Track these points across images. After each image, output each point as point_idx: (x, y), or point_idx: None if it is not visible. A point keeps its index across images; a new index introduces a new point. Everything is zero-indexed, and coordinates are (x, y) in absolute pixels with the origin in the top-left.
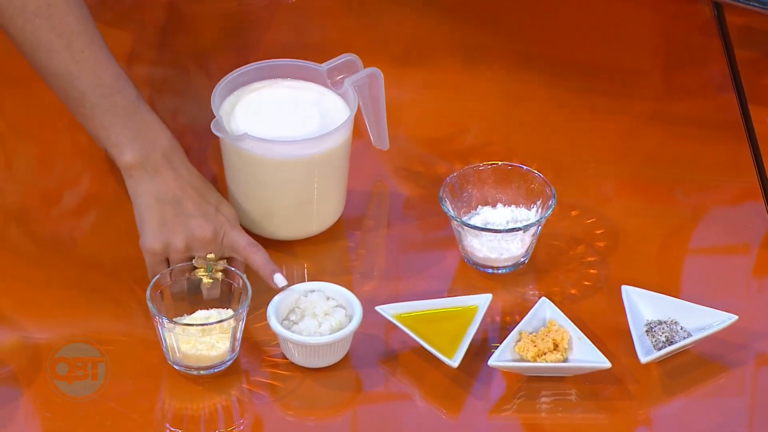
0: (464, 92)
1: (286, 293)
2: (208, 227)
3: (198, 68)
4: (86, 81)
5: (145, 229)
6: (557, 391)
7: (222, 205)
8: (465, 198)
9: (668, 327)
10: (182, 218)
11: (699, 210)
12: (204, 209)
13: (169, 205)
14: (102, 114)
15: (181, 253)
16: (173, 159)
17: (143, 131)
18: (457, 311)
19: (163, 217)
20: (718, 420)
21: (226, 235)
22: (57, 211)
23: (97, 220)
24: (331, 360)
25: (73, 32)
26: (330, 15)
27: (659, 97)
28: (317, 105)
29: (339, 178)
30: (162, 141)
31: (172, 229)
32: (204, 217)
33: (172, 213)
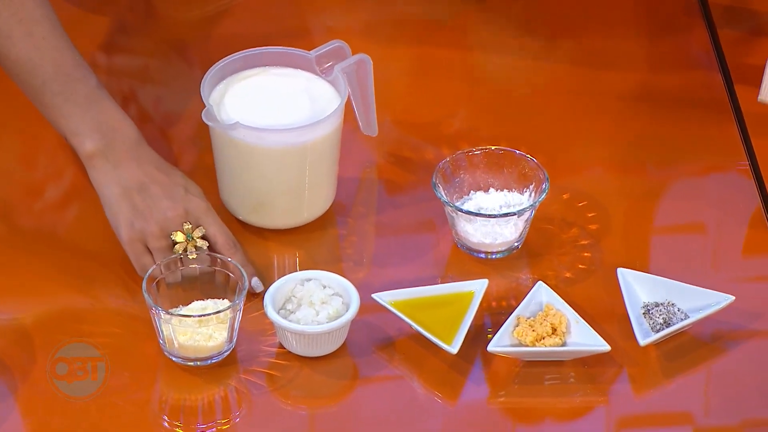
0: (451, 76)
1: (282, 282)
2: (179, 207)
3: (179, 57)
4: (47, 69)
5: (118, 223)
6: (556, 376)
7: (190, 185)
8: (457, 183)
9: (665, 309)
10: (151, 203)
11: (690, 190)
12: (172, 191)
13: (136, 192)
14: (62, 103)
15: (159, 238)
16: (135, 147)
17: (104, 120)
18: (454, 297)
19: (133, 206)
20: (718, 401)
21: (204, 223)
22: (42, 204)
23: (85, 213)
24: (330, 348)
25: (34, 20)
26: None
27: (645, 78)
28: (307, 93)
29: (330, 166)
30: (123, 129)
31: (144, 217)
32: (172, 199)
33: (141, 200)
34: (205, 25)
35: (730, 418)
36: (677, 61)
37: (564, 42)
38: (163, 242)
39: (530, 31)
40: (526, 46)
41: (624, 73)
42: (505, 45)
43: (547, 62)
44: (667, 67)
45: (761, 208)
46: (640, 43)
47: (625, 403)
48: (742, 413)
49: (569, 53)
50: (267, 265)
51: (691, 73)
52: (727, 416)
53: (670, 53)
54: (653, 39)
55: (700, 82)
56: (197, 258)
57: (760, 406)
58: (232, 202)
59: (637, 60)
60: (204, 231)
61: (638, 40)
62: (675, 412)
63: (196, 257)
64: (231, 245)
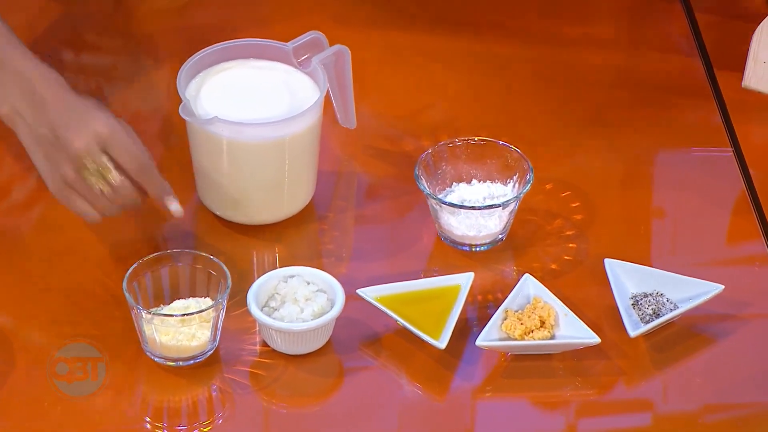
0: (428, 66)
1: (265, 279)
2: (83, 137)
3: (147, 53)
4: None
5: (43, 176)
6: (545, 369)
7: (99, 110)
8: (440, 175)
9: (654, 299)
10: (58, 143)
11: (673, 178)
12: (71, 124)
13: (45, 139)
14: None
15: (75, 179)
16: (41, 94)
17: (10, 77)
18: (440, 291)
19: (46, 153)
20: (709, 392)
21: (109, 148)
22: (7, 204)
23: (54, 212)
24: (315, 346)
25: None
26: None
27: (624, 65)
28: (286, 85)
29: (310, 160)
30: (32, 78)
31: (56, 160)
32: (77, 130)
33: (50, 145)
34: (173, 18)
35: (722, 409)
36: (657, 47)
37: (542, 29)
38: (80, 182)
39: (508, 18)
40: (504, 34)
41: (603, 60)
42: (483, 32)
43: (525, 50)
44: (647, 54)
45: (746, 194)
46: (618, 29)
47: (617, 396)
48: (734, 403)
49: (547, 40)
50: (247, 262)
51: (671, 59)
52: (718, 407)
53: (649, 39)
54: (632, 25)
55: (680, 68)
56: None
57: (752, 396)
58: (209, 199)
59: (616, 46)
60: (109, 161)
61: (617, 26)
62: (666, 404)
63: (119, 181)
64: (138, 168)
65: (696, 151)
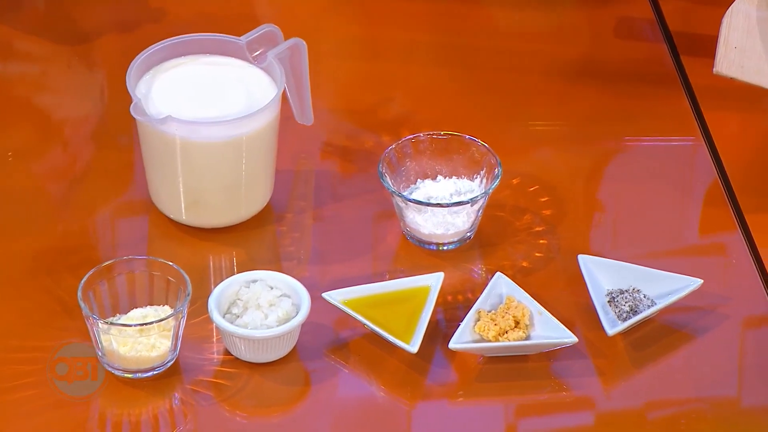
0: (385, 58)
1: (226, 285)
2: None
3: (80, 58)
4: None
5: None
6: (521, 371)
7: None
8: (403, 172)
9: (631, 296)
10: None
11: (644, 169)
12: None
13: None
14: None
15: None
16: None
17: None
18: (409, 292)
19: None
20: (690, 390)
21: None
22: None
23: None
24: (281, 353)
25: None
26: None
27: (588, 53)
28: (241, 82)
29: (268, 159)
30: None
31: None
32: None
33: None
34: (112, 14)
35: (704, 407)
36: (621, 35)
37: (502, 19)
38: None
39: (467, 7)
40: (462, 24)
41: (565, 48)
42: (440, 23)
43: (484, 40)
44: (610, 41)
45: (719, 184)
46: (579, 17)
47: (596, 397)
48: (716, 400)
49: (508, 31)
50: (204, 268)
51: (636, 47)
52: (700, 405)
53: (611, 25)
54: (594, 12)
55: (646, 56)
56: None
57: (734, 392)
58: (163, 201)
59: (578, 34)
60: None
61: (578, 14)
62: (647, 403)
63: None
64: None
65: (665, 140)
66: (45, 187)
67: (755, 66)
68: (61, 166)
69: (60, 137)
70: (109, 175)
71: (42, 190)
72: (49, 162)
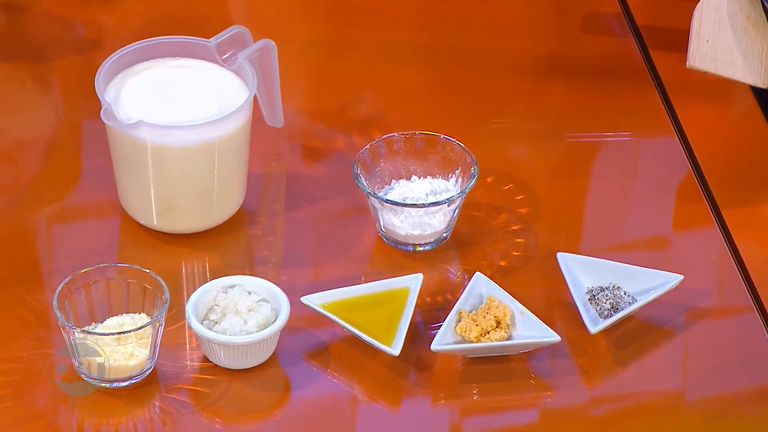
0: (352, 58)
1: (203, 291)
2: None
3: (33, 77)
4: None
5: None
6: (503, 371)
7: None
8: (378, 172)
9: (611, 293)
10: None
11: (617, 165)
12: None
13: None
14: None
15: None
16: None
17: None
18: (388, 294)
19: None
20: (674, 386)
21: None
22: None
23: None
24: (261, 359)
25: None
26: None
27: (556, 50)
28: (212, 84)
29: (240, 163)
30: None
31: None
32: None
33: None
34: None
35: (689, 402)
36: (588, 29)
37: (470, 16)
38: None
39: (434, 5)
40: (429, 22)
41: (533, 45)
42: (408, 21)
43: (452, 38)
44: (578, 36)
45: (693, 179)
46: (546, 12)
47: (580, 396)
48: (700, 395)
49: (475, 28)
50: (177, 274)
51: (604, 42)
52: (685, 400)
53: (579, 21)
54: (559, 6)
55: (614, 50)
56: None
57: (718, 386)
58: (133, 207)
59: (546, 30)
60: None
61: (545, 10)
62: (631, 401)
63: None
64: None
65: (638, 135)
66: (10, 194)
67: (727, 59)
68: (27, 173)
69: (24, 145)
70: (81, 180)
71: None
72: (15, 170)
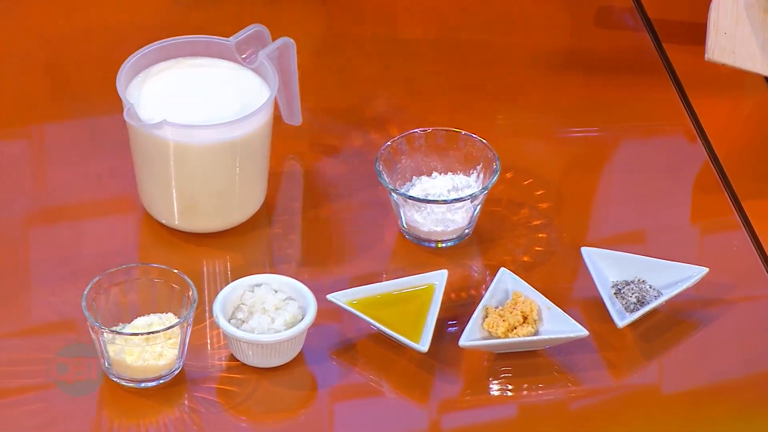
0: (366, 55)
1: (230, 290)
2: None
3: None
4: None
5: None
6: (532, 367)
7: None
8: (399, 169)
9: (637, 287)
10: None
11: (635, 159)
12: None
13: None
14: None
15: None
16: None
17: None
18: (414, 291)
19: None
20: (702, 378)
21: None
22: None
23: None
24: (289, 357)
25: None
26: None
27: (571, 44)
28: (233, 83)
29: (261, 162)
30: None
31: None
32: None
33: None
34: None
35: (717, 395)
36: (601, 23)
37: (485, 11)
38: None
39: (448, 2)
40: (444, 18)
41: (548, 39)
42: (423, 18)
43: (467, 34)
44: (592, 30)
45: (712, 170)
46: (558, 6)
47: (609, 390)
48: (728, 388)
49: (490, 24)
50: (198, 273)
51: (617, 35)
52: (712, 392)
53: (592, 15)
54: (572, 2)
55: (628, 44)
56: None
57: (746, 379)
58: (156, 207)
59: (559, 24)
60: None
61: (557, 2)
62: (659, 394)
63: None
64: None
65: (654, 128)
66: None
67: (746, 52)
68: (48, 173)
69: (45, 146)
70: (102, 180)
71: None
72: (35, 170)
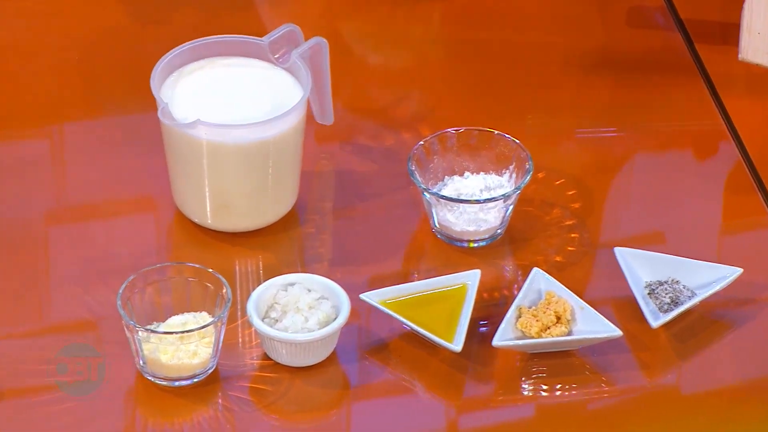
0: (398, 54)
1: (263, 289)
2: None
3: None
4: None
5: None
6: (565, 367)
7: None
8: (431, 169)
9: (671, 287)
10: None
11: (667, 159)
12: None
13: None
14: None
15: None
16: None
17: None
18: (447, 291)
19: None
20: (737, 379)
21: None
22: None
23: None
24: (322, 356)
25: None
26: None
27: (602, 44)
28: (266, 83)
29: (294, 161)
30: None
31: None
32: None
33: None
34: None
35: (752, 395)
36: (633, 23)
37: (517, 11)
38: None
39: (479, 2)
40: (477, 18)
41: (579, 39)
42: (454, 18)
43: (497, 34)
44: (624, 30)
45: (746, 171)
46: (590, 6)
47: (643, 390)
48: (763, 388)
49: (522, 24)
50: (231, 273)
51: (649, 34)
52: (748, 393)
53: (623, 15)
54: (603, 1)
55: (660, 44)
56: None
57: None
58: (189, 206)
59: (591, 24)
60: None
61: (588, 4)
62: (693, 395)
63: None
64: None
65: (686, 128)
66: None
67: None
68: (81, 173)
69: (77, 145)
70: (134, 180)
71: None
72: (68, 170)
